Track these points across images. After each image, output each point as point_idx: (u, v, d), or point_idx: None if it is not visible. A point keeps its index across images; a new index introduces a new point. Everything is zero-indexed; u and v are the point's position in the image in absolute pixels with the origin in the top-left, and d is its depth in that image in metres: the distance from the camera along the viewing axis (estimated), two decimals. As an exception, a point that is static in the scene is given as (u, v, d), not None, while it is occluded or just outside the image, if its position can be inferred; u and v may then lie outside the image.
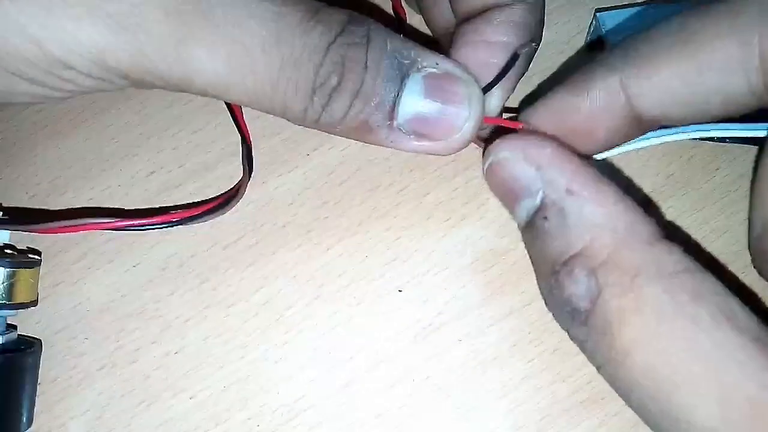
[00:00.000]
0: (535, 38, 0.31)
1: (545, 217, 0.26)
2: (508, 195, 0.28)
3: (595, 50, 0.38)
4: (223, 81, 0.26)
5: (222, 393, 0.35)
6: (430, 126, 0.29)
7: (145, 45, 0.25)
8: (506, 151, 0.28)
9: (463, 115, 0.29)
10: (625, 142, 0.30)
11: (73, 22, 0.24)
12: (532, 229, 0.27)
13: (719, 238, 0.36)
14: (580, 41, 0.39)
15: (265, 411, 0.35)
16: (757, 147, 0.36)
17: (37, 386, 0.35)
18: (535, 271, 0.28)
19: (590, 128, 0.29)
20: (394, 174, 0.38)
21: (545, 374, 0.35)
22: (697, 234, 0.36)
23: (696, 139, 0.35)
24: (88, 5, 0.24)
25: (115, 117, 0.39)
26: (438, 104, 0.28)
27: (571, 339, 0.27)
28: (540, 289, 0.28)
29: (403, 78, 0.28)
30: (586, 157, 0.28)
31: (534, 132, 0.29)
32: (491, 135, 0.35)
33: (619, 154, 0.30)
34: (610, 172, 0.30)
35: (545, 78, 0.38)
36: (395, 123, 0.28)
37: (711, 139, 0.36)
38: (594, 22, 0.37)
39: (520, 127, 0.31)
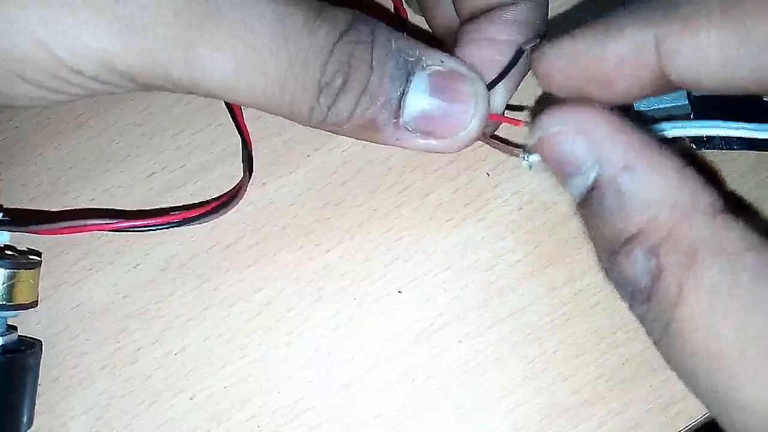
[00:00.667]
0: (539, 36, 0.31)
1: (602, 195, 0.25)
2: (559, 171, 0.27)
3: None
4: (232, 82, 0.26)
5: (222, 393, 0.35)
6: (436, 124, 0.29)
7: (154, 47, 0.25)
8: (557, 124, 0.27)
9: (469, 113, 0.29)
10: (641, 98, 0.28)
11: (80, 25, 0.24)
12: (587, 205, 0.26)
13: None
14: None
15: (265, 411, 0.35)
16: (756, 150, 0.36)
17: (38, 386, 0.35)
18: (595, 248, 0.27)
19: (611, 79, 0.27)
20: (396, 175, 0.38)
21: (545, 375, 0.35)
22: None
23: (694, 144, 0.35)
24: (96, 7, 0.24)
25: (116, 118, 0.39)
26: (443, 102, 0.28)
27: (634, 316, 0.26)
28: (599, 263, 0.27)
29: (408, 76, 0.28)
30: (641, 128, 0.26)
31: (584, 104, 0.27)
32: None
33: None
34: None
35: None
36: (401, 121, 0.28)
37: (713, 146, 0.36)
38: None
39: (521, 125, 0.30)
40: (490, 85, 0.30)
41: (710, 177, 0.32)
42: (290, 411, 0.35)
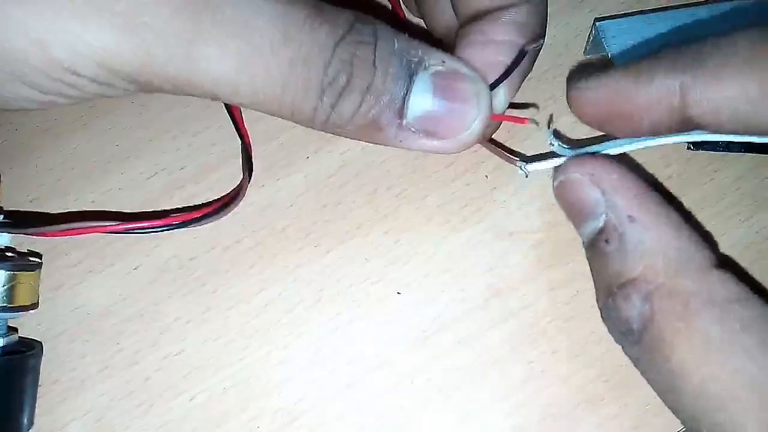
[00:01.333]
0: (539, 37, 0.32)
1: (607, 240, 0.28)
2: (574, 214, 0.30)
3: (595, 55, 0.38)
4: (232, 81, 0.26)
5: (222, 395, 0.35)
6: (439, 124, 0.29)
7: (153, 45, 0.25)
8: (575, 172, 0.30)
9: (472, 113, 0.29)
10: (665, 135, 0.30)
11: (79, 23, 0.24)
12: (594, 248, 0.29)
13: (718, 240, 0.36)
14: (579, 43, 0.39)
15: (265, 412, 0.35)
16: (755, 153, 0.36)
17: (38, 388, 0.35)
18: (595, 287, 0.30)
19: (638, 117, 0.29)
20: (394, 177, 0.38)
21: (545, 376, 0.35)
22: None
23: (693, 146, 0.36)
24: (95, 5, 0.24)
25: (116, 120, 0.39)
26: (447, 102, 0.29)
27: (625, 353, 0.29)
28: (598, 304, 0.30)
29: (411, 76, 0.28)
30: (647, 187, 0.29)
31: (602, 156, 0.30)
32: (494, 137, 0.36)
33: (628, 150, 0.31)
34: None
35: (544, 79, 0.38)
36: (404, 122, 0.29)
37: (712, 148, 0.36)
38: (593, 31, 0.37)
39: (526, 123, 0.32)
40: (493, 86, 0.30)
41: (704, 234, 0.34)
42: (290, 412, 0.35)
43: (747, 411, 0.24)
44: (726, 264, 0.27)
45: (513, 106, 0.34)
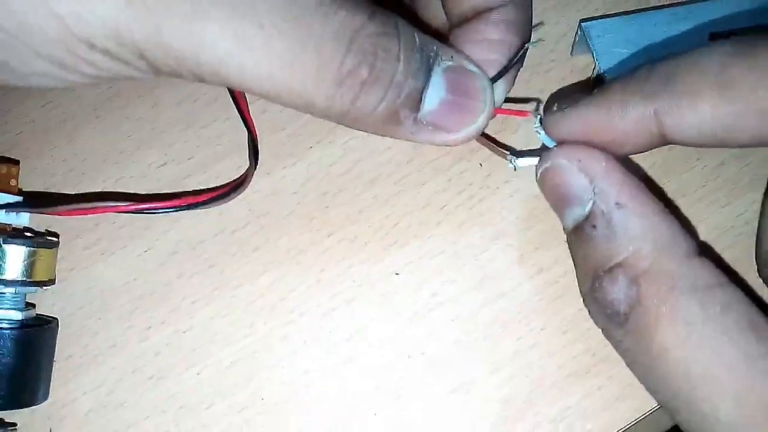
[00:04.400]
0: (527, 34, 0.33)
1: (594, 226, 0.29)
2: (558, 200, 0.31)
3: (580, 54, 0.40)
4: (237, 62, 0.26)
5: (228, 368, 0.37)
6: (449, 118, 0.30)
7: (160, 20, 0.24)
8: (563, 158, 0.30)
9: (479, 108, 0.30)
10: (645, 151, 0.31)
11: None
12: (579, 234, 0.30)
13: (699, 225, 0.38)
14: (568, 41, 0.41)
15: (269, 385, 0.37)
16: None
17: (53, 363, 0.37)
18: (577, 272, 0.31)
19: (618, 143, 0.30)
20: (393, 165, 0.40)
21: (534, 351, 0.37)
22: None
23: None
24: None
25: (128, 113, 0.41)
26: (457, 97, 0.30)
27: (606, 337, 0.30)
28: (580, 289, 0.31)
29: (429, 70, 0.29)
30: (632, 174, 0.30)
31: (590, 144, 0.31)
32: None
33: None
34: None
35: (534, 74, 0.40)
36: (419, 115, 0.29)
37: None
38: (579, 32, 0.39)
39: (528, 116, 0.33)
40: (492, 81, 0.31)
41: (685, 224, 0.35)
42: (293, 385, 0.37)
43: (725, 391, 0.25)
44: (705, 252, 0.28)
45: (508, 99, 0.35)
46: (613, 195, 0.29)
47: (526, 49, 0.32)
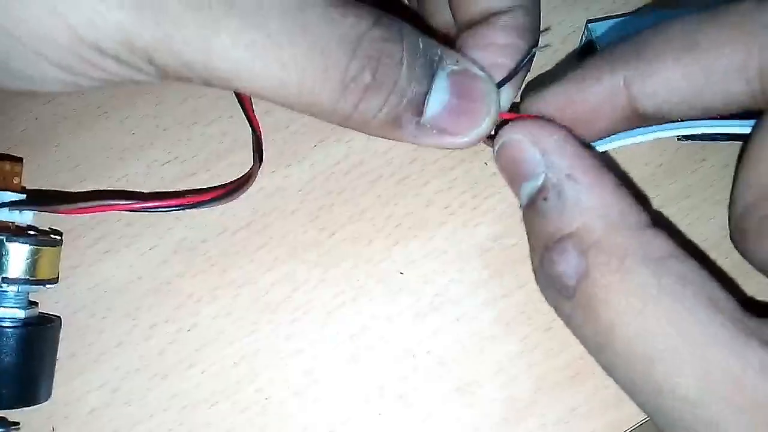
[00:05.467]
0: (535, 39, 0.33)
1: (545, 198, 0.28)
2: (514, 175, 0.30)
3: (587, 55, 0.40)
4: (246, 69, 0.26)
5: (233, 367, 0.37)
6: (453, 122, 0.30)
7: (170, 27, 0.25)
8: (517, 133, 0.30)
9: (483, 111, 0.30)
10: (624, 131, 0.31)
11: (102, 3, 0.24)
12: (531, 208, 0.29)
13: (705, 225, 0.38)
14: (574, 40, 0.41)
15: (273, 384, 0.37)
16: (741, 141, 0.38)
17: (57, 362, 0.37)
18: (530, 247, 0.30)
19: (592, 119, 0.30)
20: (396, 165, 0.40)
21: (538, 351, 0.37)
22: (683, 221, 0.38)
23: (683, 137, 0.37)
24: None
25: (132, 110, 0.41)
26: (461, 101, 0.30)
27: (558, 314, 0.29)
28: (532, 263, 0.30)
29: (432, 75, 0.29)
30: (588, 148, 0.30)
31: (545, 119, 0.31)
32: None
33: (612, 148, 0.32)
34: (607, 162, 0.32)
35: (541, 74, 0.40)
36: (422, 119, 0.29)
37: (700, 138, 0.38)
38: (586, 32, 0.39)
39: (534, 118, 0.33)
40: (499, 85, 0.31)
41: (639, 195, 0.35)
42: (297, 384, 0.37)
43: (683, 362, 0.24)
44: (659, 223, 0.28)
45: (514, 103, 0.35)
46: (564, 167, 0.28)
47: (534, 54, 0.32)
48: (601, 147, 0.32)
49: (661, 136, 0.31)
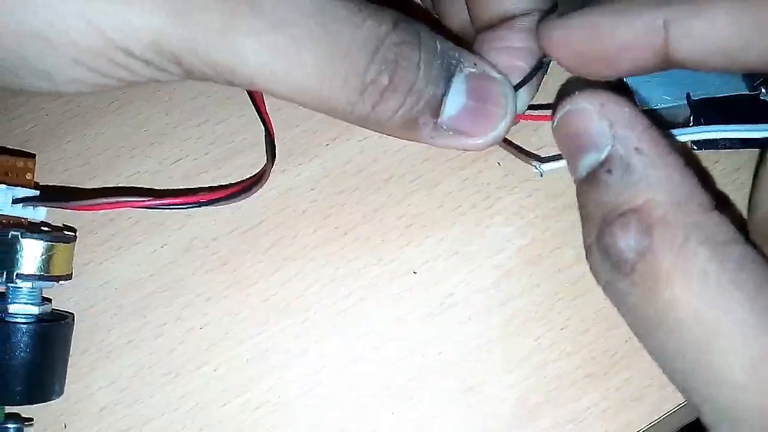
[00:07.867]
0: None
1: (609, 170, 0.27)
2: (575, 145, 0.29)
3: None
4: (269, 71, 0.27)
5: (243, 366, 0.37)
6: (470, 124, 0.30)
7: (197, 30, 0.26)
8: (585, 102, 0.28)
9: (500, 114, 0.30)
10: (642, 75, 0.30)
11: (132, 8, 0.25)
12: (591, 181, 0.28)
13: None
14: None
15: (283, 383, 0.37)
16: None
17: (69, 358, 0.37)
18: (584, 224, 0.29)
19: (615, 57, 0.29)
20: (407, 165, 0.39)
21: (551, 351, 0.36)
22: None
23: (696, 145, 0.37)
24: None
25: (143, 108, 0.41)
26: (478, 103, 0.30)
27: (607, 292, 0.28)
28: (585, 240, 0.29)
29: (449, 78, 0.29)
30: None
31: (612, 92, 0.29)
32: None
33: None
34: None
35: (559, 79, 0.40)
36: (439, 121, 0.30)
37: (715, 146, 0.37)
38: None
39: (551, 119, 0.32)
40: (516, 88, 0.32)
41: (704, 177, 0.35)
42: (306, 383, 0.37)
43: (736, 347, 0.24)
44: (724, 206, 0.27)
45: (531, 107, 0.35)
46: (634, 140, 0.27)
47: (549, 59, 0.32)
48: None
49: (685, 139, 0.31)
